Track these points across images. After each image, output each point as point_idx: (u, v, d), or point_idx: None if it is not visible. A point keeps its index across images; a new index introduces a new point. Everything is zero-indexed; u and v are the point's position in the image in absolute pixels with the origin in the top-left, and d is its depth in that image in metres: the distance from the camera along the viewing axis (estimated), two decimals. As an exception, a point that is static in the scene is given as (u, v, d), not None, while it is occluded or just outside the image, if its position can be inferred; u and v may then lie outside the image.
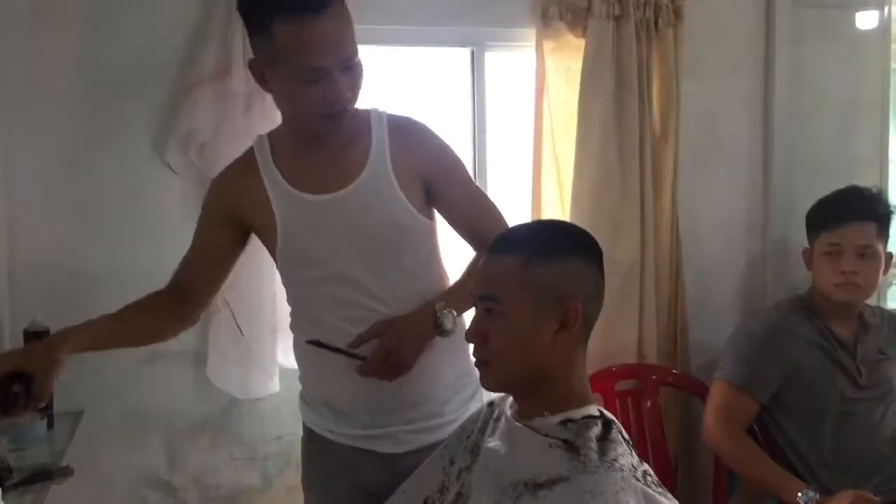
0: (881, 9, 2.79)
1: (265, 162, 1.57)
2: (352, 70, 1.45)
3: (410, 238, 1.58)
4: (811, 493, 1.94)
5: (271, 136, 1.61)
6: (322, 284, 1.55)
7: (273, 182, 1.55)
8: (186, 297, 1.67)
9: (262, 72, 1.48)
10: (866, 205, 2.17)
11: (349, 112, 1.48)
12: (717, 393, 2.17)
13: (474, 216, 1.67)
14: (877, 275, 2.16)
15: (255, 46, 1.48)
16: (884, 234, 2.16)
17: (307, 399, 1.67)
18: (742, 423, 2.13)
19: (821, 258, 2.18)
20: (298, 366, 1.68)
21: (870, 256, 2.13)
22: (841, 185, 2.28)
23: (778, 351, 2.14)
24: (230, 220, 1.61)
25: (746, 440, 2.12)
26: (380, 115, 1.59)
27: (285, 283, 1.64)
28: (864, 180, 2.34)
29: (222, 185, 1.63)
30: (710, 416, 2.15)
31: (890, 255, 2.19)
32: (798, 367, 2.12)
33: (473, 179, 2.43)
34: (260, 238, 1.63)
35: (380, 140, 1.56)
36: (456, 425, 1.60)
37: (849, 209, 2.16)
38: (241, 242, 1.67)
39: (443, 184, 1.62)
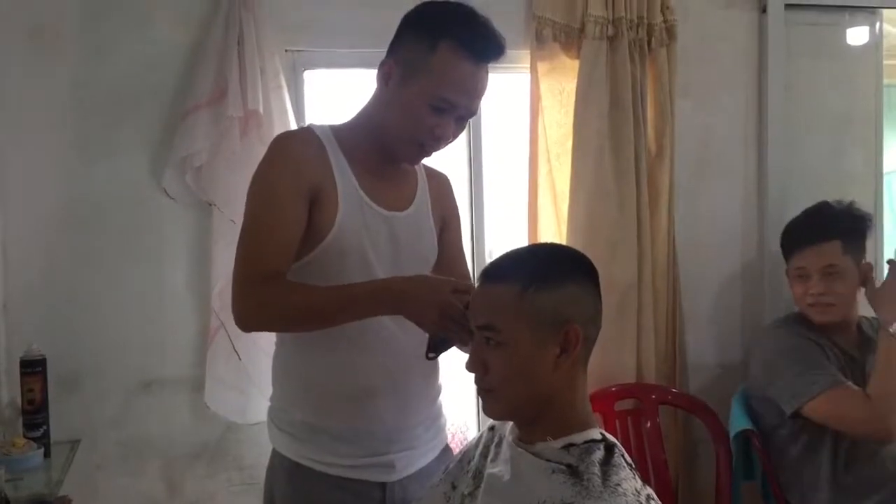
0: (872, 25, 2.81)
1: (335, 152, 1.52)
2: (463, 122, 1.53)
3: (428, 269, 1.65)
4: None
5: (335, 130, 1.55)
6: None
7: (344, 176, 1.51)
8: None
9: (391, 73, 1.49)
10: (827, 223, 2.18)
11: (432, 153, 1.56)
12: (835, 401, 2.03)
13: (457, 266, 1.74)
14: (849, 291, 2.17)
15: (405, 48, 1.49)
16: (853, 248, 2.16)
17: (293, 430, 1.55)
18: (866, 395, 2.01)
19: (793, 281, 2.24)
20: (292, 391, 1.58)
21: (838, 275, 2.15)
22: (834, 199, 2.29)
23: (822, 352, 2.13)
24: (307, 195, 1.47)
25: (875, 390, 2.00)
26: None
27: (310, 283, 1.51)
28: (857, 195, 2.35)
29: (299, 154, 1.49)
30: (858, 416, 2.00)
31: (869, 266, 2.18)
32: None
33: (470, 202, 2.48)
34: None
35: (422, 179, 1.68)
36: (437, 450, 1.65)
37: (809, 232, 2.20)
38: None
39: (449, 231, 1.73)
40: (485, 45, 1.46)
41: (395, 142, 1.52)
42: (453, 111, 1.47)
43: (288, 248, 1.45)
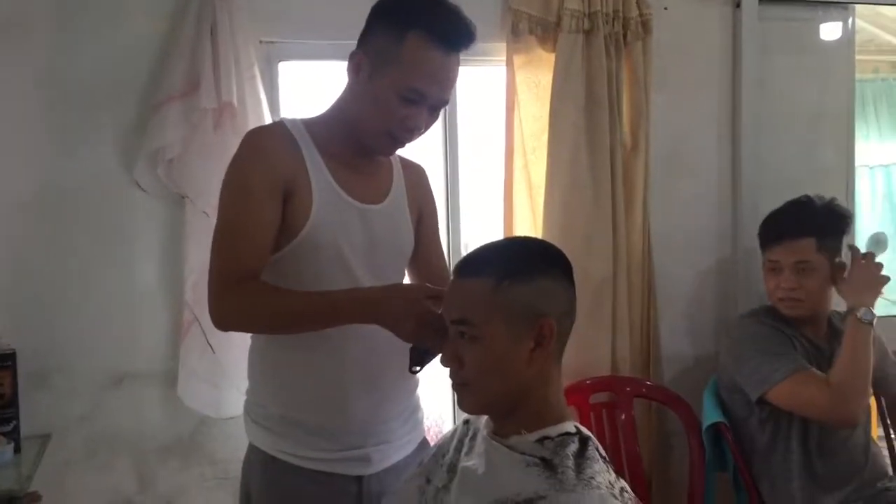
0: (845, 21, 2.83)
1: (308, 147, 1.51)
2: (436, 113, 1.53)
3: (405, 261, 1.68)
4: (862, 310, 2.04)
5: (307, 125, 1.55)
6: (327, 285, 1.48)
7: (318, 171, 1.50)
8: None
9: (360, 65, 1.48)
10: (804, 219, 2.20)
11: (405, 144, 1.55)
12: (796, 386, 2.04)
13: (433, 257, 1.76)
14: (819, 287, 2.18)
15: (374, 40, 1.47)
16: (828, 245, 2.18)
17: (269, 423, 1.55)
18: (828, 380, 2.02)
19: (766, 274, 2.27)
20: (268, 385, 1.57)
21: (809, 271, 2.17)
22: (807, 194, 2.31)
23: (788, 341, 2.15)
24: (281, 191, 1.46)
25: (836, 375, 2.01)
26: None
27: (282, 282, 1.48)
28: (830, 190, 2.38)
29: (272, 150, 1.48)
30: (819, 402, 2.01)
31: (841, 265, 2.20)
32: None
33: (445, 195, 2.48)
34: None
35: (398, 170, 1.67)
36: (414, 444, 1.65)
37: (786, 226, 2.22)
38: None
39: (425, 223, 1.74)
40: (454, 34, 1.45)
41: (367, 134, 1.51)
42: (424, 101, 1.46)
43: (263, 247, 1.45)
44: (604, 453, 1.26)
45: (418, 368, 1.45)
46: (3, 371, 2.01)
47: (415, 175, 1.72)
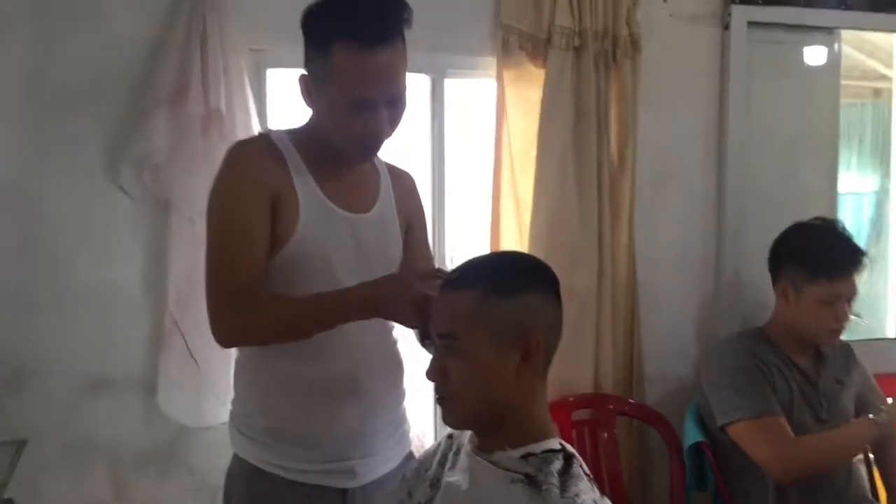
0: (830, 45, 2.86)
1: (293, 159, 1.50)
2: (397, 105, 1.47)
3: (394, 269, 1.64)
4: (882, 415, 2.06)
5: (291, 136, 1.54)
6: (317, 291, 1.46)
7: (304, 182, 1.49)
8: None
9: (309, 88, 1.47)
10: (857, 251, 2.18)
11: (381, 145, 1.52)
12: (751, 432, 2.08)
13: (422, 264, 1.72)
14: None
15: (308, 61, 1.46)
16: None
17: (255, 434, 1.54)
18: (790, 437, 2.05)
19: (815, 304, 2.16)
20: (254, 396, 1.56)
21: (853, 301, 2.18)
22: (790, 216, 2.34)
23: (763, 376, 2.14)
24: (269, 203, 1.46)
25: (805, 440, 2.07)
26: None
27: (273, 288, 1.48)
28: (813, 213, 2.38)
29: (255, 163, 1.48)
30: (768, 454, 2.04)
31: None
32: (776, 394, 2.13)
33: (432, 208, 2.47)
34: None
35: (385, 177, 1.65)
36: (400, 457, 1.64)
37: (852, 262, 2.16)
38: None
39: (414, 231, 1.72)
40: (374, 29, 1.40)
41: (338, 147, 1.50)
42: (375, 104, 1.43)
43: (259, 262, 1.45)
44: (588, 471, 1.25)
45: (428, 341, 1.41)
46: (-21, 375, 1.98)
47: (403, 183, 1.72)
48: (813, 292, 2.15)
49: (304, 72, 1.47)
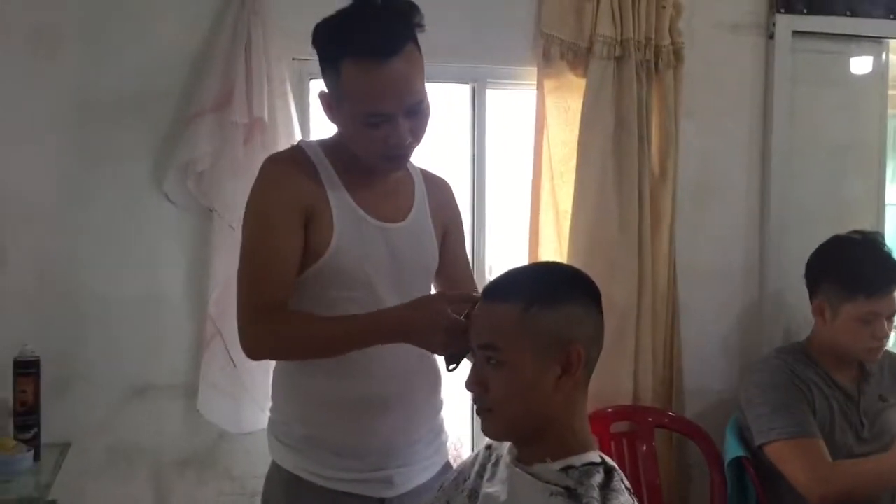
0: (878, 55, 2.81)
1: (326, 171, 1.51)
2: (417, 114, 1.45)
3: (430, 277, 1.66)
4: None
5: (324, 146, 1.54)
6: (352, 306, 1.48)
7: (337, 193, 1.49)
8: None
9: (328, 104, 1.48)
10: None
11: (409, 156, 1.51)
12: (787, 452, 2.04)
13: (459, 274, 1.73)
14: None
15: (324, 79, 1.47)
16: None
17: (293, 442, 1.55)
18: (827, 460, 2.01)
19: (853, 322, 2.11)
20: (292, 405, 1.57)
21: (894, 317, 2.14)
22: (835, 228, 2.29)
23: (801, 395, 2.10)
24: (302, 218, 1.46)
25: (843, 464, 2.03)
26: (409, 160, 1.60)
27: (305, 303, 1.49)
28: (859, 225, 2.34)
29: (289, 178, 1.48)
30: (803, 476, 2.00)
31: None
32: (814, 414, 2.10)
33: (472, 217, 2.47)
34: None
35: (420, 186, 1.64)
36: (438, 467, 1.63)
37: (891, 279, 2.10)
38: None
39: (451, 239, 1.70)
40: (382, 43, 1.37)
41: (364, 160, 1.49)
42: (392, 117, 1.41)
43: (288, 277, 1.46)
44: (628, 485, 1.23)
45: (454, 366, 1.43)
46: (27, 378, 2.01)
47: (439, 190, 1.70)
48: (850, 310, 2.11)
49: (323, 90, 1.48)
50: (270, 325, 1.42)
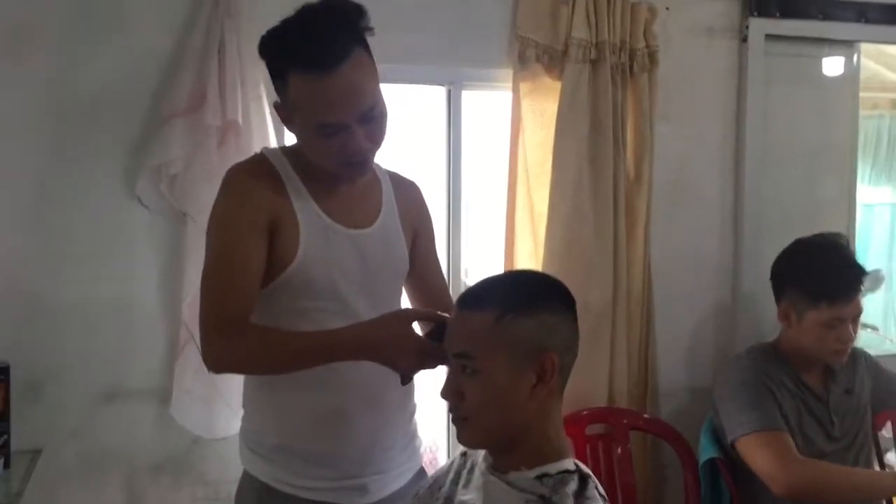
0: (849, 57, 2.85)
1: (290, 179, 1.49)
2: (372, 120, 1.42)
3: (401, 282, 1.65)
4: None
5: (287, 154, 1.52)
6: (322, 316, 1.47)
7: (303, 201, 1.48)
8: None
9: (283, 115, 1.46)
10: (860, 274, 2.14)
11: (370, 161, 1.48)
12: (754, 445, 2.05)
13: (431, 276, 1.72)
14: None
15: (276, 90, 1.45)
16: None
17: (265, 452, 1.53)
18: (793, 451, 2.03)
19: (818, 327, 2.13)
20: (264, 413, 1.55)
21: (858, 319, 2.17)
22: (808, 229, 2.31)
23: (769, 393, 2.12)
24: (267, 229, 1.44)
25: (814, 461, 2.05)
26: (376, 163, 1.58)
27: (274, 314, 1.49)
28: (832, 225, 2.37)
29: (253, 188, 1.46)
30: (768, 466, 2.01)
31: None
32: (782, 413, 2.11)
33: (447, 219, 2.47)
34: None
35: (388, 189, 1.62)
36: (412, 472, 1.63)
37: (853, 286, 2.12)
38: None
39: (421, 241, 1.69)
40: (325, 53, 1.34)
41: (325, 168, 1.47)
42: (345, 125, 1.38)
43: (252, 290, 1.44)
44: (603, 492, 1.24)
45: (409, 379, 1.46)
46: (-4, 384, 1.99)
47: (407, 192, 1.68)
48: (814, 316, 2.13)
49: (276, 102, 1.46)
50: (234, 340, 1.40)
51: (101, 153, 2.18)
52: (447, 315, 1.38)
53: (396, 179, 1.67)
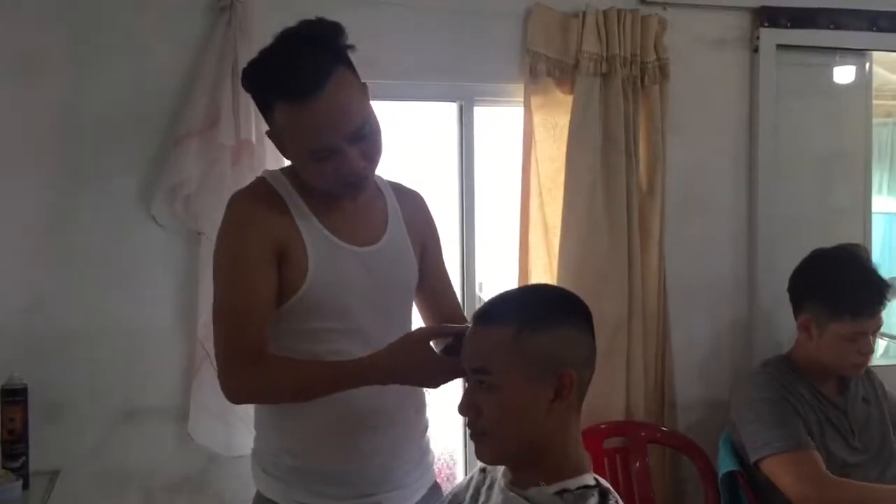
0: (861, 65, 2.83)
1: (294, 202, 1.47)
2: (364, 138, 1.40)
3: (411, 296, 1.64)
4: None
5: (288, 174, 1.50)
6: (332, 336, 1.47)
7: (308, 223, 1.47)
8: None
9: (276, 142, 1.47)
10: (884, 288, 2.12)
11: (369, 178, 1.47)
12: (783, 466, 2.02)
13: (441, 287, 1.71)
14: None
15: (266, 122, 1.45)
16: None
17: (282, 474, 1.52)
18: (823, 470, 2.00)
19: (839, 340, 2.11)
20: (278, 434, 1.54)
21: (878, 332, 2.15)
22: (823, 239, 2.30)
23: (792, 409, 2.10)
24: (275, 256, 1.43)
25: (843, 480, 2.02)
26: (378, 175, 1.58)
27: (284, 334, 1.48)
28: (847, 234, 2.36)
29: (257, 215, 1.45)
30: (798, 487, 1.98)
31: None
32: (807, 427, 2.09)
33: (460, 234, 2.47)
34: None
35: (392, 200, 1.61)
36: (426, 488, 1.62)
37: (879, 300, 2.10)
38: None
39: (429, 253, 1.68)
40: (306, 80, 1.33)
41: (326, 190, 1.47)
42: (336, 148, 1.37)
43: (264, 321, 1.43)
44: (623, 506, 1.23)
45: None
46: (15, 406, 1.99)
47: (412, 203, 1.66)
48: (837, 329, 2.11)
49: (268, 130, 1.47)
50: (252, 371, 1.39)
51: (115, 174, 2.20)
52: (460, 326, 1.39)
53: (399, 190, 1.66)
